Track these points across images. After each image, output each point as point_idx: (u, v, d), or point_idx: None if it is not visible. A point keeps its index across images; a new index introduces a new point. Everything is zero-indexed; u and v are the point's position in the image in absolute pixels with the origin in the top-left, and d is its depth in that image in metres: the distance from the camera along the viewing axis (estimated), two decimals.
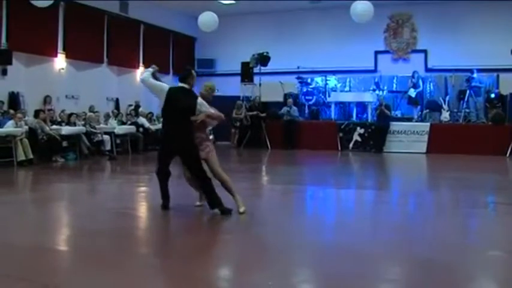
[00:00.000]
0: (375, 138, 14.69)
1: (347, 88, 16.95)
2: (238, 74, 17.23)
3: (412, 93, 15.21)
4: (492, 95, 14.76)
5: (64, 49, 13.74)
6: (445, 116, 14.61)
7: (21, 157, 10.39)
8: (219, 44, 18.19)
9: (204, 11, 12.96)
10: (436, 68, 16.27)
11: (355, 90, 16.69)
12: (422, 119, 15.01)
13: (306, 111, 16.46)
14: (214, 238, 5.10)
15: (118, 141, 13.54)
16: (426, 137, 14.20)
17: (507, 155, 13.16)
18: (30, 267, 3.95)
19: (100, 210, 6.44)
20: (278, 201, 7.46)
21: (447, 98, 14.91)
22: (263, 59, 16.41)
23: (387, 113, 14.55)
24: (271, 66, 16.49)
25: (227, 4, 16.88)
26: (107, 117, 14.17)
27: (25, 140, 10.58)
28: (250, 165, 12.67)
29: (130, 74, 16.23)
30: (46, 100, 12.97)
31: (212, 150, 5.94)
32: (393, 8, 16.79)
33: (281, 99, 16.59)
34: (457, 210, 6.76)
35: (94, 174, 10.64)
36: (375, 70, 17.04)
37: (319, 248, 4.66)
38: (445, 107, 14.66)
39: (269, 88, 16.41)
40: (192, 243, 4.83)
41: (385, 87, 16.19)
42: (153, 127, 14.43)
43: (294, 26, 17.85)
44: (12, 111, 11.40)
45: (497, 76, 15.39)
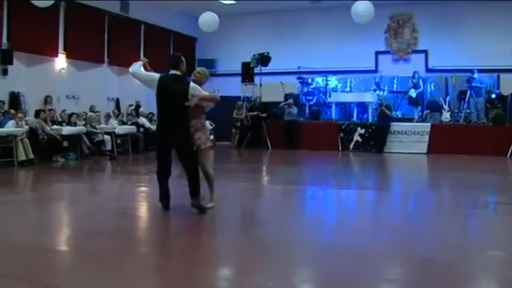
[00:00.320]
0: (376, 138, 14.69)
1: (348, 88, 16.95)
2: (238, 74, 17.22)
3: (413, 93, 15.20)
4: (493, 96, 14.75)
5: (65, 49, 13.75)
6: (446, 117, 14.61)
7: (21, 157, 10.40)
8: (220, 44, 18.18)
9: (205, 11, 12.97)
10: (437, 69, 16.26)
11: (355, 90, 16.69)
12: (423, 120, 15.01)
13: (307, 111, 16.47)
14: (214, 238, 5.09)
15: (119, 141, 13.56)
16: (427, 138, 14.20)
17: (508, 156, 13.14)
18: (30, 267, 3.95)
19: (100, 210, 6.44)
20: (278, 201, 7.45)
21: (448, 99, 14.90)
22: (264, 59, 16.40)
23: (388, 114, 14.55)
24: (271, 66, 16.47)
25: (227, 4, 16.89)
26: (108, 117, 14.17)
27: (26, 140, 10.59)
28: (250, 165, 12.67)
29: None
30: (47, 100, 12.98)
31: (205, 142, 5.88)
32: (394, 8, 16.79)
33: (282, 99, 16.57)
34: (458, 210, 6.76)
35: (95, 174, 10.64)
36: (376, 70, 17.03)
37: (319, 248, 4.66)
38: (446, 108, 14.66)
39: (270, 88, 16.40)
40: (192, 243, 4.84)
41: (386, 87, 16.18)
42: (154, 127, 14.40)
43: (295, 26, 17.85)
44: (12, 111, 11.41)
45: (497, 76, 15.37)
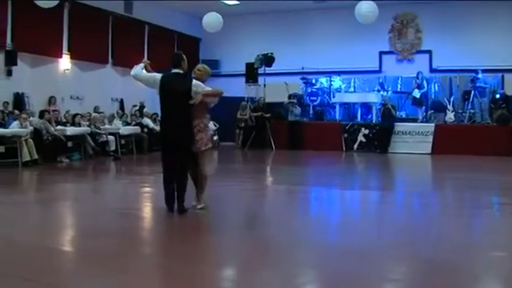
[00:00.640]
0: (380, 139, 14.66)
1: (351, 89, 16.96)
2: (242, 75, 17.22)
3: (417, 93, 15.17)
4: (497, 96, 14.73)
5: (69, 50, 13.79)
6: (450, 117, 14.58)
7: (26, 157, 10.42)
8: (224, 45, 18.21)
9: (209, 12, 12.99)
10: (441, 69, 16.24)
11: (359, 90, 16.69)
12: (427, 120, 14.99)
13: (311, 111, 16.46)
14: (218, 239, 5.09)
15: (123, 141, 13.59)
16: (431, 138, 14.16)
17: None
18: (34, 267, 3.95)
19: (104, 210, 6.45)
20: (282, 201, 7.44)
21: (452, 99, 14.88)
22: (268, 60, 16.39)
23: (392, 114, 14.52)
24: (275, 66, 16.46)
25: (231, 5, 16.90)
26: (112, 117, 14.20)
27: (30, 141, 10.62)
28: (254, 165, 12.68)
29: None
30: (51, 101, 13.03)
31: (206, 143, 5.86)
32: (398, 9, 16.78)
33: (286, 99, 16.57)
34: (462, 210, 6.74)
35: (99, 174, 10.67)
36: (380, 71, 17.03)
37: (323, 248, 4.65)
38: (450, 108, 14.63)
39: (274, 89, 16.38)
40: (196, 243, 4.83)
41: (390, 87, 16.19)
42: (158, 128, 14.42)
43: (299, 27, 17.85)
44: (17, 111, 11.45)
45: (502, 77, 15.36)
